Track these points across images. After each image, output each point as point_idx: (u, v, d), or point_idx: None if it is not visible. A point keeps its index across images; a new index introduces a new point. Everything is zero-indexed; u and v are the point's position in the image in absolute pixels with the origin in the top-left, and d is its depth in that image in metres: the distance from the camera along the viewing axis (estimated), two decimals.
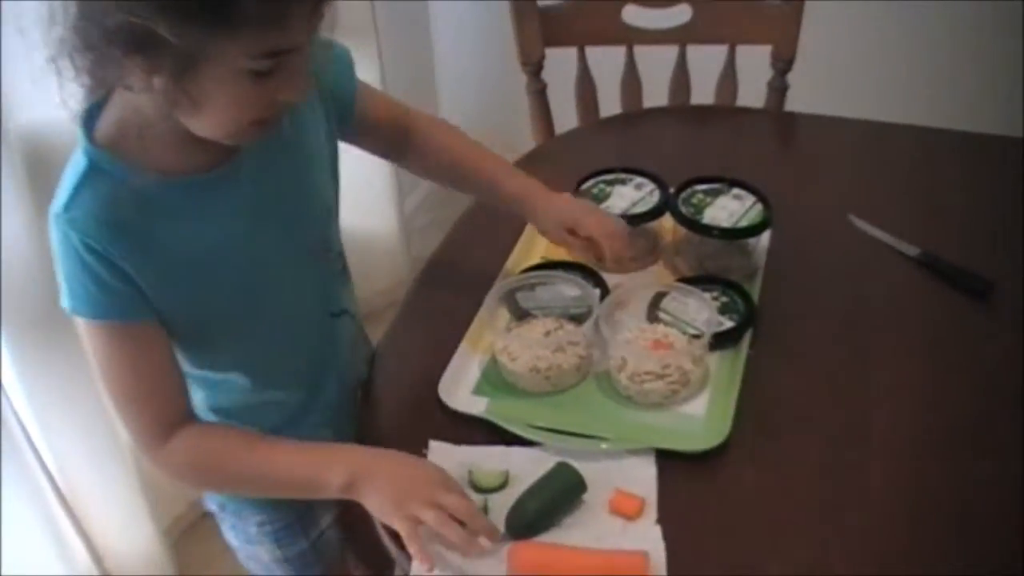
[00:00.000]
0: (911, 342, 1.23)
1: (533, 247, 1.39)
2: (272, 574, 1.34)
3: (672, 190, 1.35)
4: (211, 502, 1.29)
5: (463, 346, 1.23)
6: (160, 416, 1.01)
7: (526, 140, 1.93)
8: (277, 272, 1.08)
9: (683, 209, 1.30)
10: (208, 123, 0.90)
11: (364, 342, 1.32)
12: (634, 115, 1.86)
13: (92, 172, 0.93)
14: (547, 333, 1.20)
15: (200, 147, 0.94)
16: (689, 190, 1.34)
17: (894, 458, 1.08)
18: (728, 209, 1.30)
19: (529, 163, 1.65)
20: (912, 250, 1.35)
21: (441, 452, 1.11)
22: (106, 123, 0.94)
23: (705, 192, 1.33)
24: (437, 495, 0.97)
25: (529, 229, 1.41)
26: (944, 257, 1.32)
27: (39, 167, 1.53)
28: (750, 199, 1.32)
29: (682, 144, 1.69)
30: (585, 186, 1.37)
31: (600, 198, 1.35)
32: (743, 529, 1.02)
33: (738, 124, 1.75)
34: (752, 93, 1.86)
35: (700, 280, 1.27)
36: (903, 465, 1.08)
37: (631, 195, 1.35)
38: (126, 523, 1.82)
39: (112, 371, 0.99)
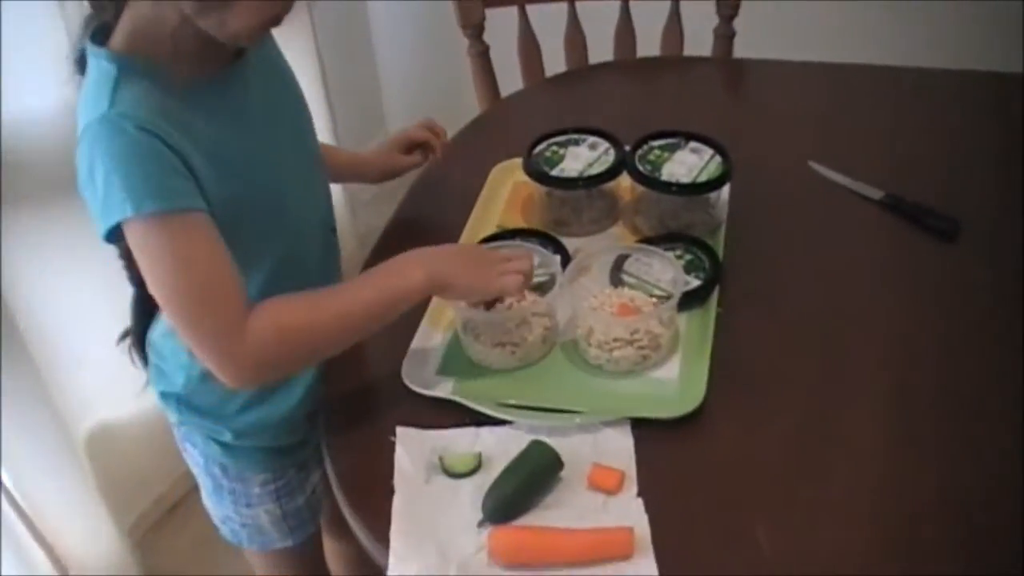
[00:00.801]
0: (881, 286, 1.21)
1: (487, 216, 1.35)
2: (266, 540, 1.33)
3: (628, 148, 1.30)
4: (213, 465, 1.26)
5: (423, 326, 1.18)
6: (237, 306, 0.97)
7: (471, 105, 1.88)
8: (292, 176, 1.12)
9: (640, 167, 1.26)
10: (236, 21, 0.92)
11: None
12: (581, 72, 1.82)
13: (124, 74, 0.94)
14: (509, 306, 1.15)
15: (209, 53, 0.98)
16: (645, 147, 1.29)
17: (876, 407, 1.06)
18: (687, 164, 1.26)
19: (477, 128, 1.61)
20: (876, 193, 1.32)
21: (409, 438, 1.06)
22: (120, 37, 0.96)
23: (662, 148, 1.29)
24: (504, 269, 1.07)
25: (482, 199, 1.37)
26: (909, 199, 1.30)
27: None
28: (708, 152, 1.28)
29: (633, 99, 1.64)
30: (537, 149, 1.33)
31: (554, 161, 1.30)
32: (727, 493, 0.99)
33: (688, 75, 1.71)
34: (699, 43, 1.82)
35: (662, 239, 1.24)
36: (886, 414, 1.05)
37: (586, 156, 1.30)
38: (85, 526, 1.76)
39: (185, 269, 0.95)
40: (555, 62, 1.88)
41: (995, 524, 0.94)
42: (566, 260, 1.22)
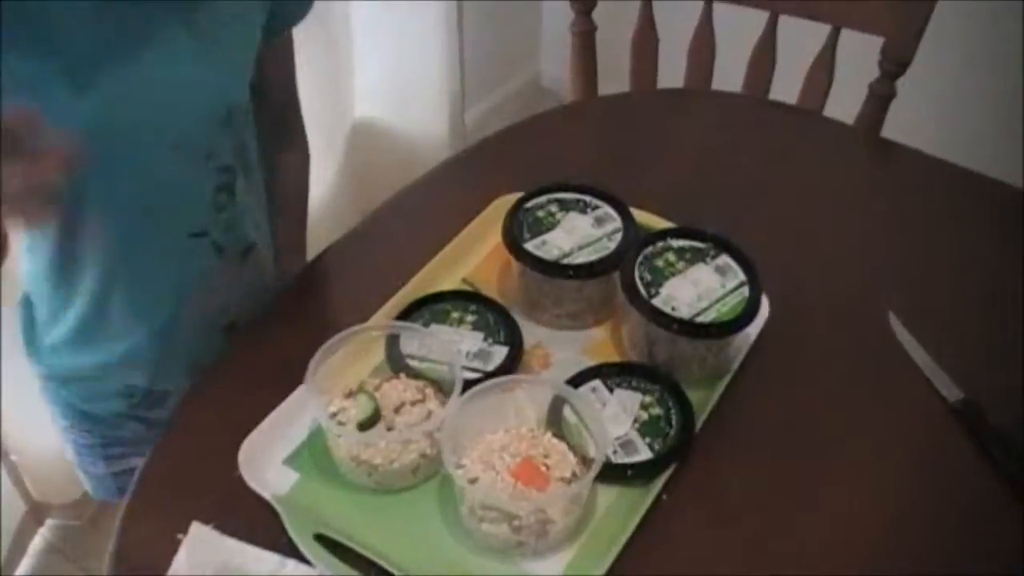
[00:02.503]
0: (891, 534, 0.87)
1: (458, 262, 1.08)
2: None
3: (643, 236, 0.99)
4: None
5: (303, 388, 0.92)
6: None
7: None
8: (133, 147, 0.88)
9: (638, 274, 0.95)
10: None
11: (260, 271, 1.09)
12: (690, 95, 1.47)
13: None
14: (399, 407, 0.89)
15: None
16: (662, 243, 0.98)
17: None
18: (700, 286, 0.94)
19: (529, 130, 1.32)
20: (954, 392, 0.96)
21: (200, 544, 0.83)
22: None
23: (680, 252, 0.97)
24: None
25: (464, 236, 1.09)
26: (992, 412, 0.93)
27: None
28: (737, 276, 0.95)
29: (723, 148, 1.28)
30: (532, 203, 1.03)
31: (544, 225, 1.01)
32: None
33: (809, 138, 1.32)
34: (851, 93, 1.43)
35: (640, 372, 0.93)
36: None
37: (584, 231, 1.00)
38: None
39: None
40: (673, 69, 1.53)
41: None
42: (515, 354, 0.95)
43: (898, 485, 0.90)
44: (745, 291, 0.94)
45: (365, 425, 0.87)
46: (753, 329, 0.97)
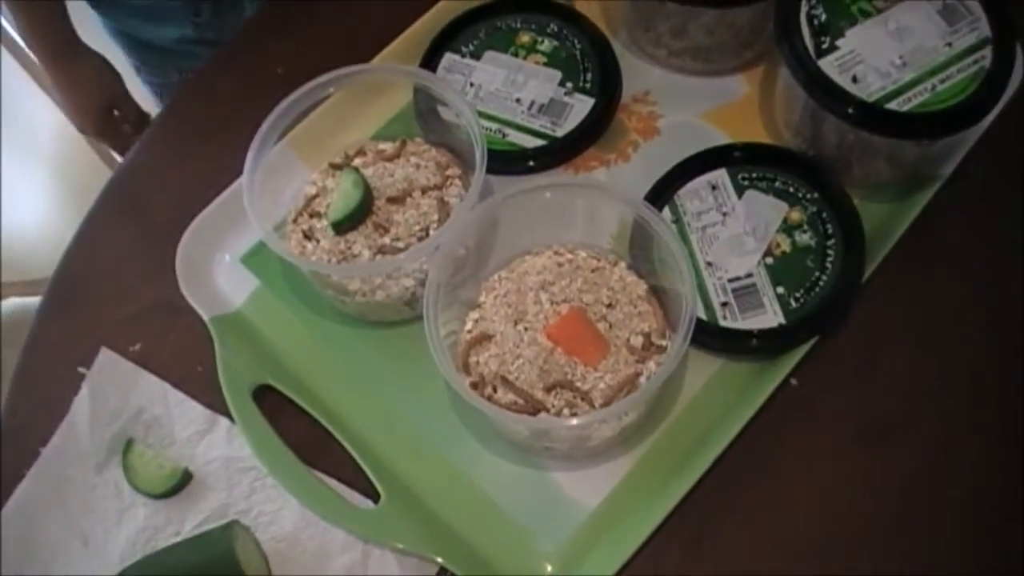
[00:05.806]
0: None
1: None
2: None
3: None
4: None
5: (283, 148, 0.62)
6: None
7: None
8: None
9: (809, 8, 0.57)
10: None
11: None
12: None
13: None
14: (403, 193, 0.58)
15: None
16: None
17: None
18: (910, 39, 0.55)
19: None
20: None
21: (108, 381, 0.61)
22: None
23: None
24: None
25: None
26: None
27: None
28: (977, 29, 0.55)
29: None
30: None
31: None
32: None
33: None
34: None
35: (793, 166, 0.58)
36: None
37: None
38: None
39: None
40: None
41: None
42: (605, 109, 0.62)
43: None
44: (986, 58, 0.54)
45: (343, 224, 0.57)
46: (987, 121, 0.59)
